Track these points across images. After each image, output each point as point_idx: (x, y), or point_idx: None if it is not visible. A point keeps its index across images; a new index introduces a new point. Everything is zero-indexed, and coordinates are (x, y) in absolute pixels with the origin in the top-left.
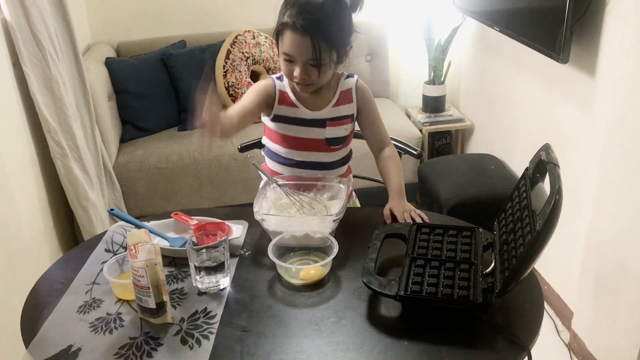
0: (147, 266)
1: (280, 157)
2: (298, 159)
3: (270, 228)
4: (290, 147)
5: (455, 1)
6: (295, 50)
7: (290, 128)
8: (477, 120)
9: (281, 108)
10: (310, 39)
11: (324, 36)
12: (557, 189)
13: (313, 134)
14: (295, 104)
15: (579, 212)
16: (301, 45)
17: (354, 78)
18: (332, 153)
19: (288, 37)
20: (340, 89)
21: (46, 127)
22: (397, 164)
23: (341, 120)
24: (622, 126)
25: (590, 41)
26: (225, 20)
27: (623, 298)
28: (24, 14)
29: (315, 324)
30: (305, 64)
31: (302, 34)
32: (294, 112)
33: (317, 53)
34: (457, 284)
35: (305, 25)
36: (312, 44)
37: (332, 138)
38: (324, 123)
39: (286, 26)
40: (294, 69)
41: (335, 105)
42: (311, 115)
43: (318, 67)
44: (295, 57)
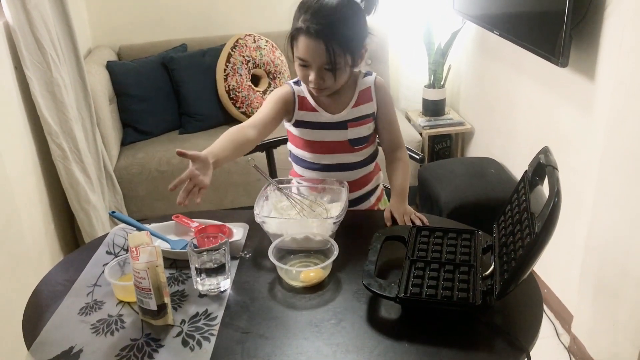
0: (149, 268)
1: (306, 162)
2: (324, 162)
3: (271, 230)
4: (314, 152)
5: (455, 5)
6: (309, 55)
7: (313, 133)
8: (477, 124)
9: (302, 113)
10: (324, 43)
11: (338, 40)
12: (556, 191)
13: (336, 137)
14: (315, 108)
15: (578, 214)
16: (315, 50)
17: (372, 76)
18: (357, 153)
19: (302, 42)
20: (359, 89)
21: (47, 129)
22: (406, 168)
23: (363, 119)
24: (621, 129)
25: (590, 45)
26: (226, 24)
27: (623, 301)
28: (26, 17)
29: (315, 326)
30: (320, 68)
31: (316, 38)
32: (315, 117)
33: (331, 57)
34: (457, 286)
35: (319, 29)
36: (327, 48)
37: (355, 138)
38: (345, 125)
39: (300, 31)
40: (309, 73)
41: (355, 106)
42: (332, 118)
43: (333, 72)
44: (310, 61)
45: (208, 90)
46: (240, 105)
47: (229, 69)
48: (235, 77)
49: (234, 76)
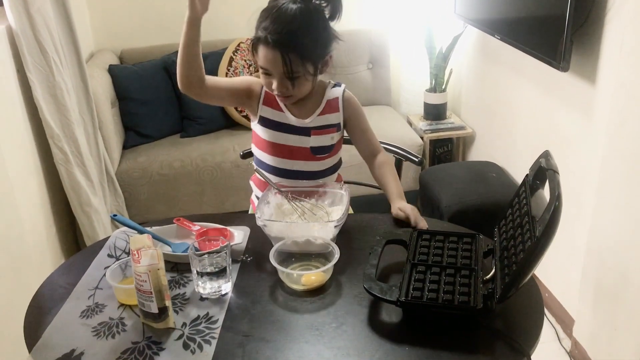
0: (150, 271)
1: (265, 164)
2: (283, 167)
3: (272, 234)
4: (275, 155)
5: (457, 9)
6: (269, 64)
7: (276, 134)
8: (478, 128)
9: (266, 109)
10: (281, 53)
11: (295, 50)
12: (557, 195)
13: (298, 142)
14: (281, 108)
15: (579, 218)
16: (274, 60)
17: (340, 87)
18: (319, 162)
19: (262, 51)
20: (327, 98)
21: (49, 133)
22: (393, 169)
23: (327, 128)
24: (622, 133)
25: (591, 49)
26: (227, 28)
27: (624, 305)
28: (28, 21)
29: (316, 330)
30: (281, 77)
31: (273, 48)
32: (280, 117)
33: (288, 67)
34: (458, 290)
35: (276, 39)
36: (283, 58)
37: (318, 147)
38: (308, 131)
39: (259, 40)
40: (272, 81)
41: (320, 114)
42: (296, 122)
43: (292, 81)
44: (270, 70)
45: None
46: (241, 109)
47: (231, 73)
48: None
49: None
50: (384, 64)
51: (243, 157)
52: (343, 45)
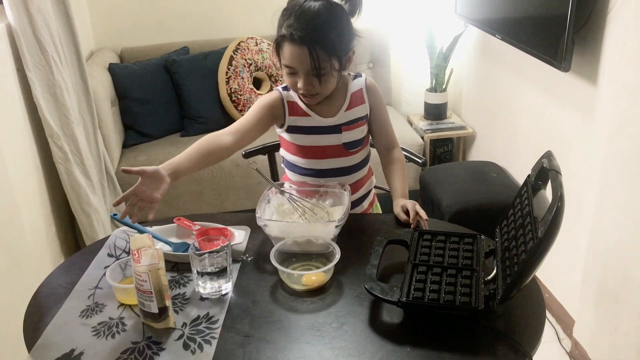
0: (150, 271)
1: (300, 168)
2: (318, 167)
3: (273, 234)
4: (308, 157)
5: (457, 9)
6: (295, 61)
7: (306, 138)
8: (478, 128)
9: (293, 119)
10: (308, 49)
11: (322, 45)
12: (559, 196)
13: (330, 141)
14: (307, 112)
15: (580, 219)
16: (300, 56)
17: (362, 77)
18: (352, 157)
19: (287, 49)
20: (350, 92)
21: (49, 132)
22: (403, 169)
23: (356, 122)
24: (623, 134)
25: (592, 49)
26: (228, 27)
27: (625, 306)
28: (28, 19)
29: (317, 330)
30: (308, 74)
31: (300, 44)
32: (307, 121)
33: (316, 63)
34: (459, 291)
35: (302, 35)
36: (310, 54)
37: (350, 142)
38: (339, 129)
39: (284, 38)
40: (297, 80)
41: (347, 109)
42: (325, 122)
43: (319, 77)
44: (296, 68)
45: (210, 93)
46: (241, 108)
47: (231, 72)
48: (237, 80)
49: (235, 79)
50: (384, 64)
51: (245, 156)
52: None
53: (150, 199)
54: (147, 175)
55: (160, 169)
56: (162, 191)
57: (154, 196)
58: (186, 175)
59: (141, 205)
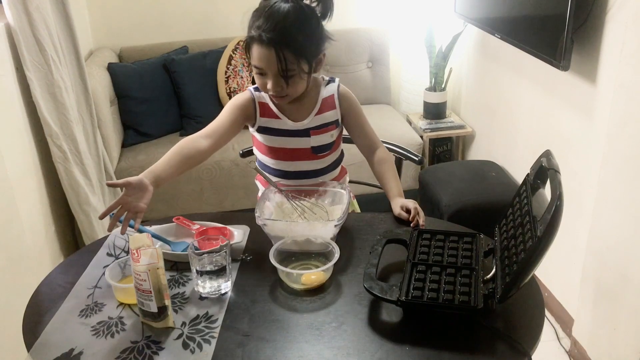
0: (149, 270)
1: (269, 168)
2: (286, 169)
3: (272, 233)
4: (277, 158)
5: (457, 8)
6: (263, 63)
7: (275, 139)
8: (477, 127)
9: (264, 120)
10: (275, 51)
11: (290, 47)
12: (558, 195)
13: (298, 144)
14: (277, 115)
15: (579, 218)
16: (268, 58)
17: (335, 83)
18: (320, 160)
19: (255, 50)
20: (322, 96)
21: (48, 131)
22: (392, 167)
23: (325, 127)
24: (622, 133)
25: (591, 48)
26: (227, 26)
27: (624, 305)
28: (27, 19)
29: (316, 329)
30: (276, 75)
31: (268, 46)
32: (278, 124)
33: (283, 65)
34: (458, 290)
35: (270, 37)
36: (278, 56)
37: (318, 146)
38: (308, 132)
39: (253, 39)
40: (267, 81)
41: (318, 114)
42: (294, 125)
43: (286, 79)
44: (265, 69)
45: (209, 93)
46: None
47: (230, 71)
48: (236, 79)
49: (235, 78)
50: (383, 63)
51: (242, 155)
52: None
53: (136, 209)
54: (132, 186)
55: (143, 178)
56: (147, 200)
57: (140, 206)
58: (167, 182)
59: (127, 216)
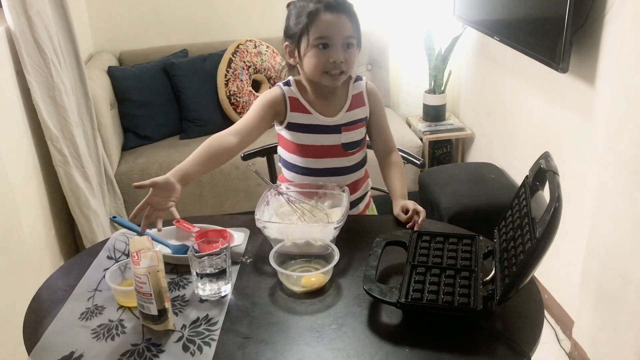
0: (150, 273)
1: (297, 167)
2: (315, 166)
3: (272, 235)
4: (306, 156)
5: (456, 11)
6: (333, 29)
7: (306, 136)
8: (477, 129)
9: (294, 115)
10: (347, 15)
11: (352, 16)
12: (557, 196)
13: (329, 140)
14: (308, 110)
15: (579, 220)
16: (338, 23)
17: (362, 81)
18: (349, 157)
19: (323, 19)
20: (351, 93)
21: (48, 135)
22: (402, 172)
23: (356, 124)
24: (621, 134)
25: (590, 50)
26: (226, 29)
27: (624, 306)
28: (27, 23)
29: (316, 331)
30: (343, 45)
31: (338, 12)
32: (308, 119)
33: (350, 30)
34: (458, 292)
35: (337, 4)
36: (350, 19)
37: (348, 143)
38: (339, 129)
39: (317, 12)
40: (329, 55)
41: (348, 110)
42: (325, 121)
43: (353, 48)
44: (332, 37)
45: (209, 96)
46: (241, 110)
47: (230, 75)
48: (236, 83)
49: (234, 81)
50: (383, 65)
51: (243, 158)
52: None
53: (164, 207)
54: (159, 186)
55: (170, 177)
56: (175, 199)
57: (166, 205)
58: (195, 180)
59: (159, 214)
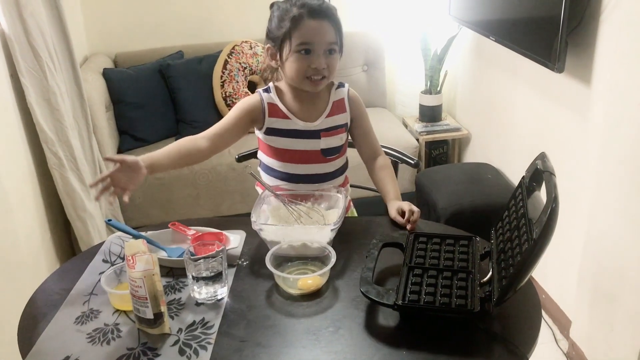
0: (145, 276)
1: (276, 171)
2: (294, 172)
3: (268, 238)
4: (285, 161)
5: (451, 11)
6: (316, 36)
7: (284, 141)
8: (473, 130)
9: (272, 120)
10: (329, 21)
11: (334, 22)
12: (554, 197)
13: (308, 146)
14: (287, 115)
15: (575, 220)
16: (321, 29)
17: (345, 87)
18: (328, 164)
19: (306, 25)
20: (333, 99)
21: (44, 138)
22: (392, 173)
23: (336, 130)
24: (617, 134)
25: (585, 50)
26: (222, 30)
27: (620, 306)
28: (21, 25)
29: (313, 334)
30: (325, 51)
31: (320, 19)
32: (287, 124)
33: (332, 36)
34: (455, 293)
35: (320, 10)
36: (332, 25)
37: (328, 148)
38: (318, 134)
39: (301, 17)
40: (311, 61)
41: (328, 116)
42: (305, 126)
43: (335, 54)
44: (315, 44)
45: (204, 97)
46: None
47: (226, 76)
48: (231, 84)
49: (230, 83)
50: (379, 66)
51: (239, 160)
52: None
53: (124, 187)
54: (127, 164)
55: (139, 160)
56: (137, 182)
57: (128, 186)
58: (161, 172)
59: (114, 191)
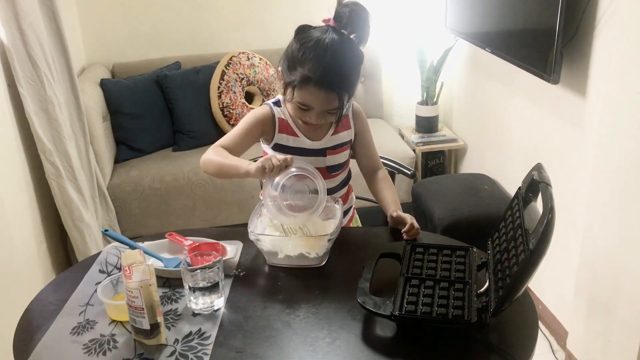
0: (142, 287)
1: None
2: None
3: (265, 248)
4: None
5: (447, 23)
6: (316, 102)
7: None
8: (470, 140)
9: (282, 137)
10: (337, 94)
11: (348, 89)
12: (550, 208)
13: (314, 163)
14: (295, 133)
15: (571, 230)
16: (324, 99)
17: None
18: (333, 179)
19: (311, 90)
20: None
21: (41, 147)
22: (392, 186)
23: (341, 147)
24: (612, 145)
25: (580, 62)
26: (219, 41)
27: (617, 317)
28: (20, 36)
29: (310, 345)
30: (324, 112)
31: (329, 90)
32: (295, 142)
33: (341, 104)
34: (452, 304)
35: (332, 82)
36: (339, 98)
37: (333, 165)
38: (324, 152)
39: (310, 80)
40: (308, 115)
41: (334, 134)
42: (312, 145)
43: (335, 112)
44: (314, 107)
45: (202, 108)
46: (234, 122)
47: (223, 87)
48: (229, 95)
49: (227, 93)
50: (375, 78)
51: None
52: None
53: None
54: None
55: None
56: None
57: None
58: None
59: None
